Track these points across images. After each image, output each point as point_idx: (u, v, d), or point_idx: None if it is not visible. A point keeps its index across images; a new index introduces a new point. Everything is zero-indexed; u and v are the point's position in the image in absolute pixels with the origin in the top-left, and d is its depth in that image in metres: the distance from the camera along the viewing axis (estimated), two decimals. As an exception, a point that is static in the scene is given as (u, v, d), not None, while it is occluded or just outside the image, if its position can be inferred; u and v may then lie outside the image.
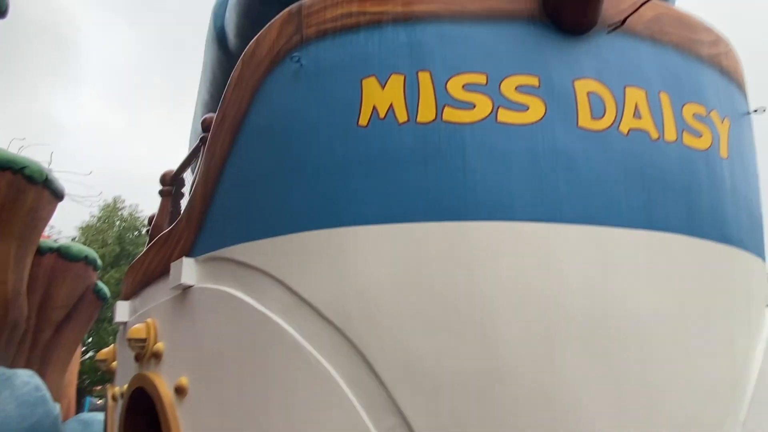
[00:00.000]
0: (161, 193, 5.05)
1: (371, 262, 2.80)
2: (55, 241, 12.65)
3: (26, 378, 8.33)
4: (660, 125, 3.03)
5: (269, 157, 3.16)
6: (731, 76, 3.51)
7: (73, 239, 20.96)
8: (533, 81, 2.89)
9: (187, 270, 3.37)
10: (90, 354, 20.93)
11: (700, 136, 3.15)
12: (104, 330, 19.45)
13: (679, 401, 2.79)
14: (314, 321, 2.83)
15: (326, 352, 2.78)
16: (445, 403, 2.63)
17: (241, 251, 3.15)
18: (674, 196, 3.00)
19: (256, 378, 2.96)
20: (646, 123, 3.00)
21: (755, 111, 3.66)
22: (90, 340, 20.09)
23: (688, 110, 3.13)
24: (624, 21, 2.97)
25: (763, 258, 3.63)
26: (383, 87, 2.90)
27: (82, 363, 18.18)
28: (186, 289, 3.44)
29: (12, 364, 8.93)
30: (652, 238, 2.90)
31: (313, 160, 2.99)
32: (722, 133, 3.28)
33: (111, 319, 18.86)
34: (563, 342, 2.67)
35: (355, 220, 2.86)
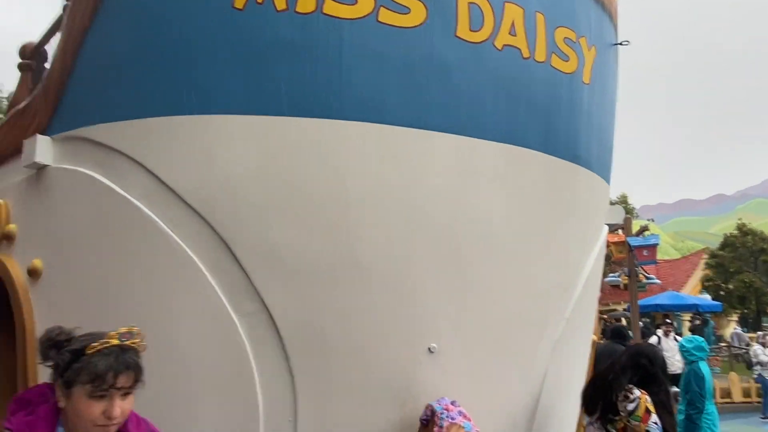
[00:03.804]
0: (20, 67, 4.54)
1: (237, 153, 2.77)
2: None
3: None
4: (532, 45, 3.16)
5: (135, 34, 2.94)
6: (605, 6, 3.70)
7: None
8: (417, -16, 2.88)
9: (42, 148, 3.14)
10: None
11: (567, 60, 3.33)
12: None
13: (513, 297, 3.14)
14: (177, 207, 2.79)
15: (188, 239, 2.78)
16: (301, 289, 2.76)
17: (101, 132, 2.98)
18: (535, 115, 3.21)
19: (115, 262, 2.91)
20: (520, 41, 3.12)
21: (621, 43, 3.92)
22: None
23: (560, 33, 3.28)
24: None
25: (608, 181, 4.05)
26: (263, -31, 2.75)
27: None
28: (41, 170, 3.22)
29: None
30: (511, 152, 3.11)
31: (183, 41, 2.83)
32: (588, 59, 3.49)
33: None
34: (418, 239, 2.87)
35: (224, 109, 2.78)
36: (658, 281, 17.92)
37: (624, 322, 16.30)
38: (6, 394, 3.79)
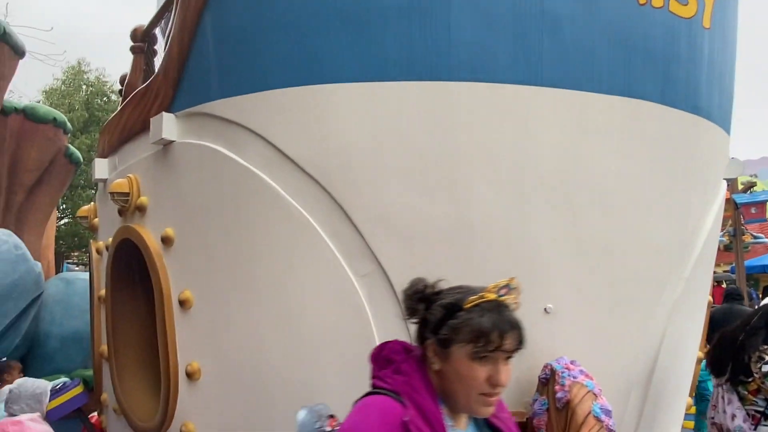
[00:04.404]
0: (133, 50, 4.85)
1: (350, 120, 2.84)
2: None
3: (4, 237, 8.41)
4: (648, -10, 2.98)
5: (248, 10, 3.05)
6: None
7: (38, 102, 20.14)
8: (525, -66, 2.78)
9: (167, 125, 3.36)
10: (65, 220, 21.07)
11: (686, 3, 3.12)
12: (78, 196, 19.41)
13: (631, 256, 3.04)
14: (295, 175, 2.92)
15: (307, 205, 2.91)
16: (415, 251, 2.82)
17: (221, 106, 3.14)
18: (653, 65, 3.04)
19: (240, 229, 3.10)
20: (635, -13, 2.95)
21: (743, -18, 3.61)
22: (65, 206, 20.09)
23: (678, -25, 3.07)
24: None
25: (728, 132, 3.78)
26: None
27: (58, 229, 18.35)
28: (167, 145, 3.45)
29: (-13, 225, 8.98)
30: (627, 105, 2.98)
31: (294, 13, 2.91)
32: (708, 2, 3.25)
33: (85, 185, 18.68)
34: (532, 199, 2.84)
35: (336, 78, 2.85)
36: (767, 240, 16.66)
37: (724, 285, 15.35)
38: (130, 356, 4.19)
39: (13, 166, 10.47)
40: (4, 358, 5.27)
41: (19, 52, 9.11)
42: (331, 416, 2.47)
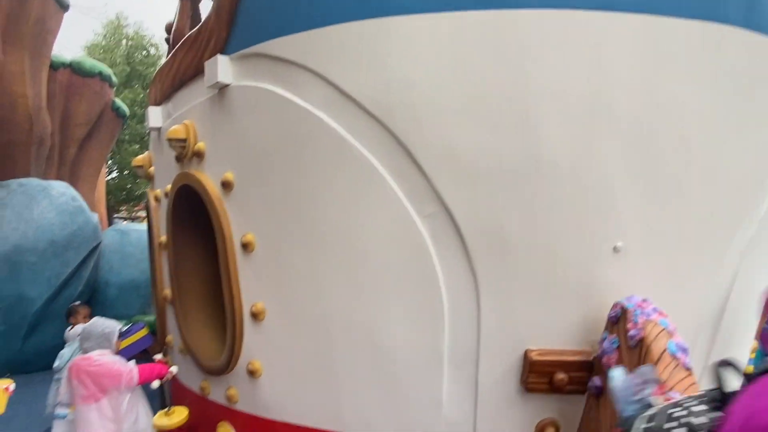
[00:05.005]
0: (179, -5, 4.80)
1: (413, 54, 2.74)
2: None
3: (62, 189, 8.72)
4: None
5: (303, -59, 2.94)
6: None
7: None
8: None
9: (223, 68, 3.32)
10: (114, 174, 21.64)
11: None
12: (126, 151, 19.84)
13: (706, 192, 2.90)
14: (356, 114, 2.85)
15: (370, 145, 2.86)
16: (482, 189, 2.75)
17: (277, 46, 3.07)
18: (737, -15, 2.81)
19: (301, 172, 3.08)
20: None
21: None
22: (111, 160, 20.60)
23: None
24: None
25: (813, 60, 3.51)
26: None
27: (107, 183, 18.89)
28: (222, 89, 3.43)
29: (44, 179, 9.29)
30: (707, 30, 2.78)
31: (352, -58, 2.78)
32: None
33: (131, 140, 18.99)
34: (604, 134, 2.71)
35: (397, 10, 2.74)
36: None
37: None
38: (194, 298, 4.30)
39: (64, 121, 10.73)
40: (76, 303, 5.51)
41: (63, 5, 9.16)
42: (660, 382, 2.01)
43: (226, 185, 3.44)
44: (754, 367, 1.32)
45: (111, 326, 3.96)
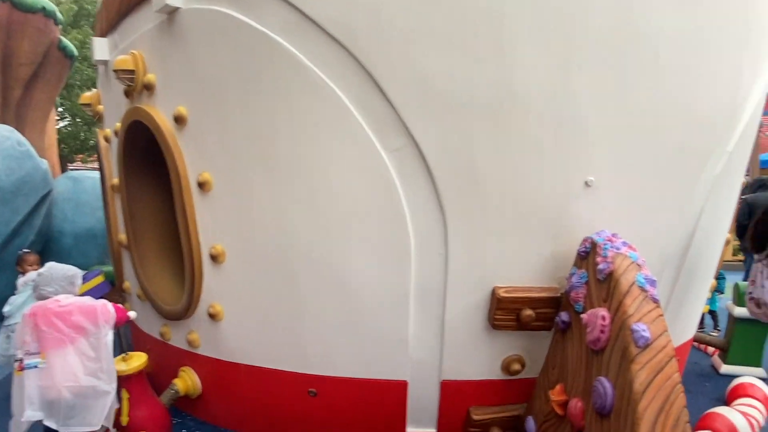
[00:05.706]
0: None
1: (381, -27, 2.53)
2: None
3: (6, 132, 8.16)
4: None
5: None
6: None
7: (22, -4, 18.97)
8: None
9: (172, -11, 3.04)
10: (66, 122, 20.64)
11: None
12: (77, 96, 18.85)
13: (677, 126, 2.84)
14: (319, 39, 2.66)
15: (333, 73, 2.68)
16: (452, 121, 2.62)
17: (231, -36, 2.82)
18: None
19: (259, 102, 2.89)
20: None
21: None
22: (63, 107, 19.60)
23: None
24: None
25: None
26: None
27: (59, 131, 18.00)
28: (172, 13, 3.15)
29: (-13, 122, 8.71)
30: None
31: None
32: None
33: (81, 85, 18.00)
34: (580, 61, 2.59)
35: None
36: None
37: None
38: (151, 242, 4.12)
39: (6, 60, 10.03)
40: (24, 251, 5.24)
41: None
42: None
43: (179, 120, 3.22)
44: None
45: (73, 269, 3.74)
